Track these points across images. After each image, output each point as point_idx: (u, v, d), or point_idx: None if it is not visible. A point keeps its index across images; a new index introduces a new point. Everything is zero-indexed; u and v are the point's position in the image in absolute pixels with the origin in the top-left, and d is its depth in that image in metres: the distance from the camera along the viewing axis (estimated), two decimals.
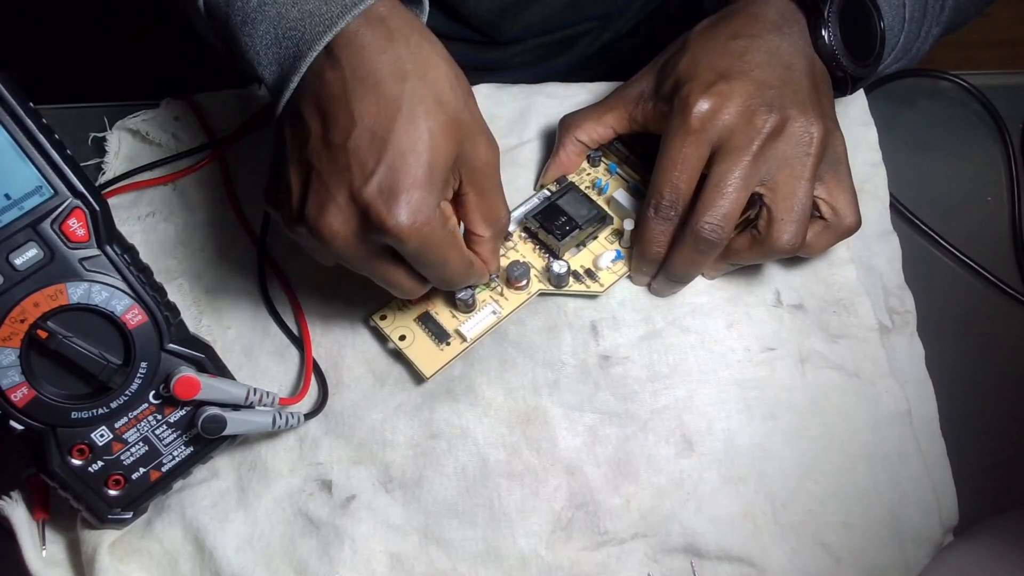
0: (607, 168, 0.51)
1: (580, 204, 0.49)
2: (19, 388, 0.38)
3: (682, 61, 0.46)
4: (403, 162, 0.37)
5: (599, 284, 0.48)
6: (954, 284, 0.53)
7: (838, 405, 0.46)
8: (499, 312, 0.47)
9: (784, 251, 0.44)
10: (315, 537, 0.43)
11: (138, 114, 0.55)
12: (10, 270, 0.37)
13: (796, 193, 0.43)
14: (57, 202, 0.38)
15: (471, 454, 0.44)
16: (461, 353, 0.46)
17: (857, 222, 0.46)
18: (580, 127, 0.50)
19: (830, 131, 0.44)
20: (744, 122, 0.43)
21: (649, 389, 0.46)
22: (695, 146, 0.44)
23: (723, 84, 0.44)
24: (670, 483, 0.44)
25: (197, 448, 0.43)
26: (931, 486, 0.45)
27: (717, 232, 0.43)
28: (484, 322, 0.46)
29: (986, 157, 0.57)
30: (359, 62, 0.38)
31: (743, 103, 0.43)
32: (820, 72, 0.46)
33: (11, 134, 0.37)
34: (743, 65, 0.44)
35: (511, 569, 0.43)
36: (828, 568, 0.43)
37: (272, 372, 0.47)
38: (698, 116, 0.43)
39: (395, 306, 0.47)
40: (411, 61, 0.38)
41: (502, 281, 0.47)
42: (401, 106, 0.37)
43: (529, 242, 0.49)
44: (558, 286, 0.47)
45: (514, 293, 0.47)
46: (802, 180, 0.43)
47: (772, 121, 0.43)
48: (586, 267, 0.48)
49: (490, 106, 0.55)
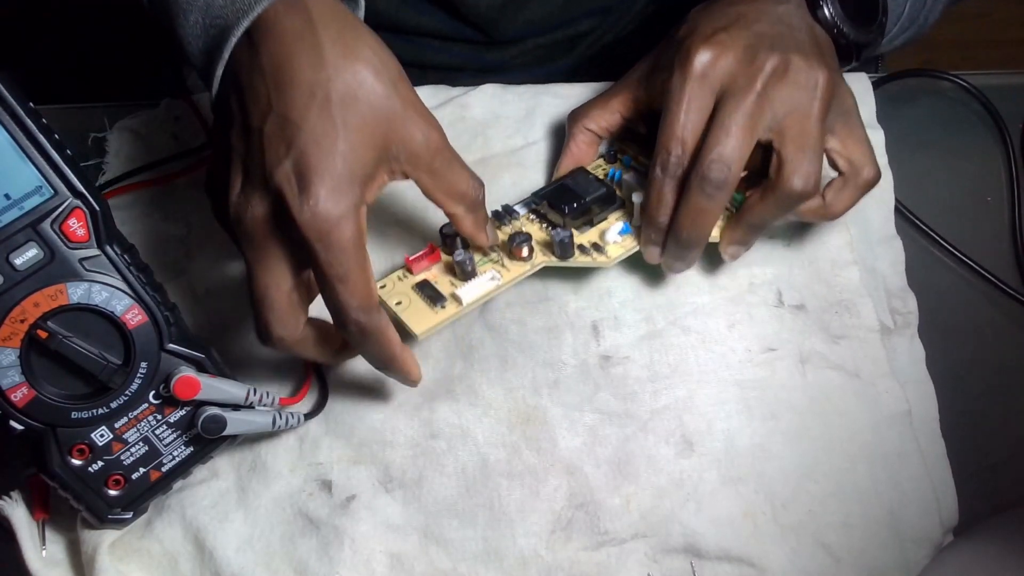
0: (622, 162, 0.50)
1: (588, 183, 0.48)
2: (19, 388, 0.38)
3: (682, 29, 0.45)
4: (314, 149, 0.37)
5: (606, 256, 0.46)
6: (953, 284, 0.53)
7: (838, 405, 0.46)
8: (499, 280, 0.45)
9: (799, 193, 0.43)
10: (315, 537, 0.43)
11: (138, 114, 0.55)
12: (10, 270, 0.37)
13: (806, 131, 0.42)
14: (57, 202, 0.38)
15: (471, 454, 0.44)
16: (456, 317, 0.43)
17: (877, 172, 0.45)
18: (587, 115, 0.49)
19: (836, 79, 0.43)
20: (746, 64, 0.42)
21: (649, 389, 0.46)
22: (698, 96, 0.43)
23: (723, 34, 0.43)
24: (670, 483, 0.44)
25: (197, 448, 0.43)
26: (931, 486, 0.45)
27: (723, 170, 0.42)
28: (482, 288, 0.44)
29: (986, 157, 0.57)
30: (276, 48, 0.38)
31: (744, 48, 0.42)
32: (822, 35, 0.46)
33: (11, 134, 0.37)
34: (742, 21, 0.44)
35: (511, 569, 0.43)
36: (828, 568, 0.43)
37: (272, 372, 0.47)
38: (699, 63, 0.42)
39: (395, 278, 0.46)
40: (331, 49, 0.38)
41: (503, 252, 0.46)
42: (315, 93, 0.37)
43: (536, 222, 0.48)
44: (563, 257, 0.46)
45: (516, 264, 0.45)
46: (810, 119, 0.42)
47: (774, 61, 0.42)
48: (593, 241, 0.47)
49: (496, 106, 0.55)
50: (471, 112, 0.55)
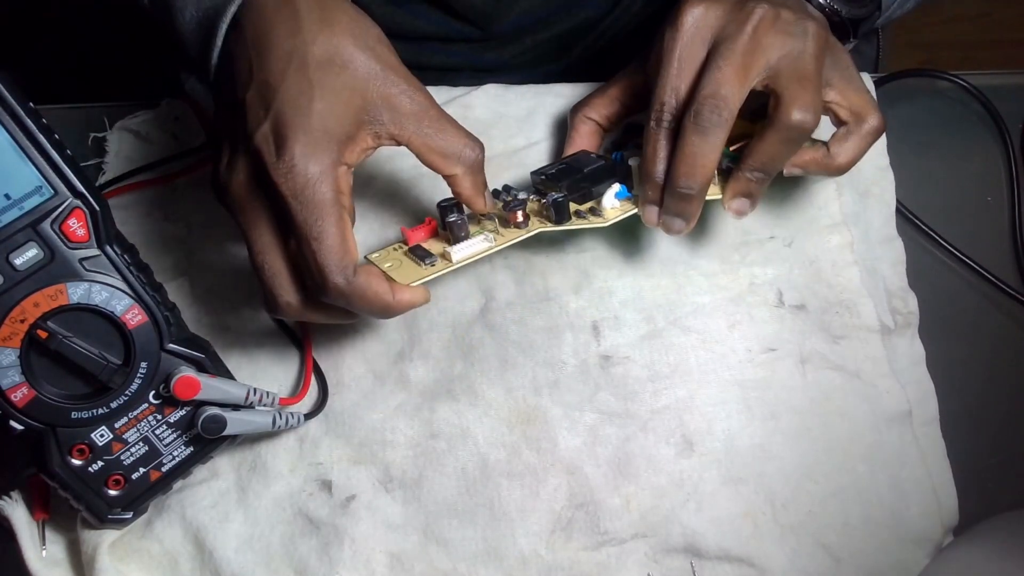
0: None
1: (588, 159, 0.47)
2: (19, 388, 0.38)
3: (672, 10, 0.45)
4: (291, 109, 0.37)
5: (602, 218, 0.45)
6: (953, 284, 0.53)
7: (839, 406, 0.46)
8: (492, 241, 0.43)
9: (798, 126, 0.41)
10: (315, 537, 0.43)
11: (138, 114, 0.55)
12: (10, 270, 0.37)
13: (801, 68, 0.42)
14: (57, 202, 0.38)
15: (471, 454, 0.44)
16: (445, 271, 0.43)
17: (882, 120, 0.44)
18: (588, 105, 0.49)
19: (826, 33, 0.43)
20: (735, 12, 0.42)
21: (650, 389, 0.46)
22: (689, 48, 0.43)
23: None
24: (670, 483, 0.44)
25: (197, 448, 0.43)
26: (931, 486, 0.45)
27: (718, 108, 0.41)
28: (475, 247, 0.43)
29: (986, 157, 0.57)
30: (258, 21, 0.39)
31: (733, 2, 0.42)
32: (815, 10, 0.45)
33: (11, 134, 0.37)
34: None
35: (511, 569, 0.43)
36: (828, 568, 0.43)
37: (272, 372, 0.47)
38: (690, 17, 0.43)
39: (390, 249, 0.45)
40: (308, 16, 0.39)
41: (498, 220, 0.45)
42: (292, 59, 0.38)
43: (536, 201, 0.47)
44: (558, 221, 0.44)
45: (510, 231, 0.44)
46: (805, 58, 0.42)
47: (763, 9, 0.42)
48: (590, 206, 0.46)
49: (498, 106, 0.55)
50: (474, 112, 0.55)
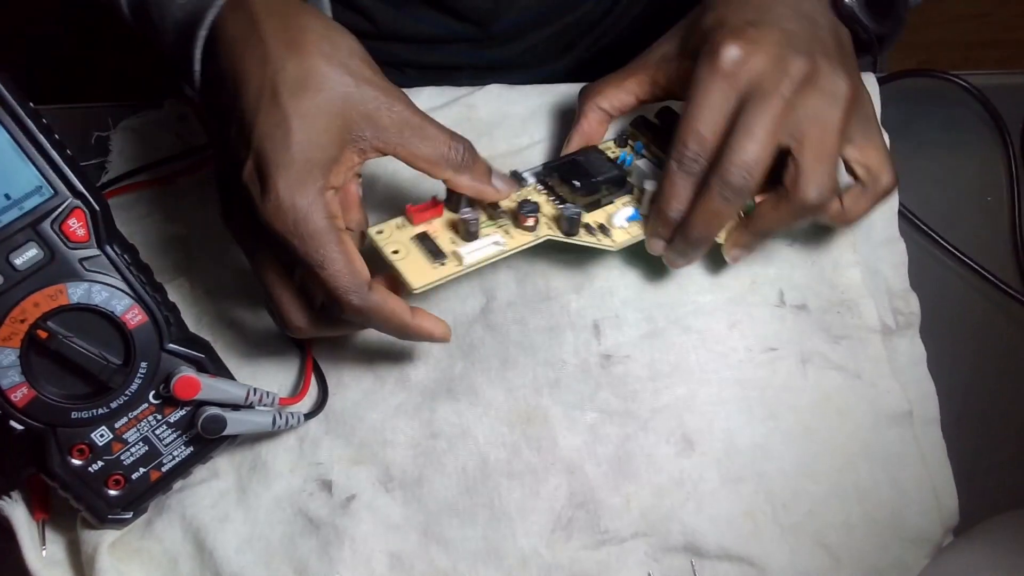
0: (633, 147, 0.49)
1: (601, 163, 0.47)
2: (19, 388, 0.38)
3: (708, 16, 0.44)
4: (269, 144, 0.37)
5: (612, 240, 0.45)
6: (953, 284, 0.53)
7: (839, 405, 0.46)
8: (502, 245, 0.43)
9: (812, 205, 0.42)
10: (315, 537, 0.43)
11: (142, 114, 0.55)
12: (10, 270, 0.37)
13: (825, 143, 0.42)
14: (57, 202, 0.38)
15: (471, 453, 0.44)
16: (455, 275, 0.42)
17: (894, 181, 0.45)
18: (601, 93, 0.48)
19: (857, 88, 0.43)
20: (776, 67, 0.42)
21: (650, 388, 0.46)
22: (724, 92, 0.42)
23: (753, 30, 0.42)
24: (670, 482, 0.44)
25: (197, 448, 0.43)
26: (931, 486, 0.45)
27: (745, 177, 0.41)
28: (486, 251, 0.43)
29: (986, 157, 0.57)
30: (227, 53, 0.39)
31: (774, 49, 0.42)
32: (844, 33, 0.45)
33: (11, 134, 0.37)
34: (770, 16, 0.43)
35: (511, 568, 0.43)
36: (828, 568, 0.43)
37: (272, 372, 0.47)
38: (728, 60, 0.41)
39: (393, 225, 0.44)
40: (274, 43, 0.38)
41: (510, 218, 0.45)
42: (263, 91, 0.37)
43: (544, 194, 0.47)
44: (568, 232, 0.45)
45: (521, 233, 0.44)
46: (830, 131, 0.42)
47: (804, 67, 0.42)
48: (600, 223, 0.46)
49: (501, 105, 0.55)
50: (477, 112, 0.55)
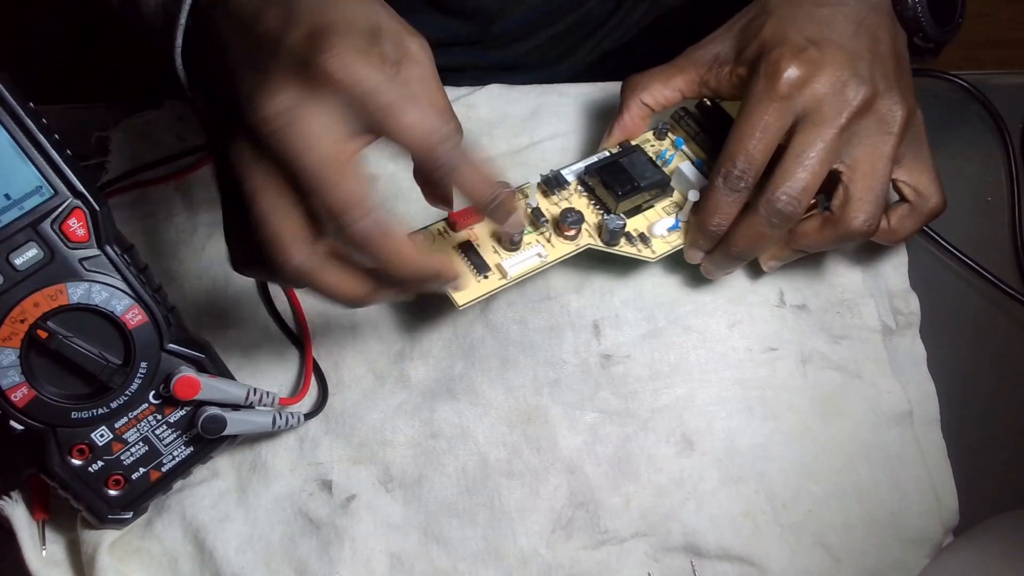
0: (673, 143, 0.49)
1: (644, 167, 0.47)
2: (19, 388, 0.38)
3: (767, 25, 0.43)
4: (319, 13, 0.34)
5: (651, 251, 0.46)
6: (953, 284, 0.53)
7: (839, 405, 0.46)
8: (544, 256, 0.44)
9: (858, 233, 0.43)
10: (315, 537, 0.43)
11: (142, 114, 0.55)
12: (10, 270, 0.37)
13: (876, 172, 0.42)
14: (57, 202, 0.38)
15: (471, 453, 0.44)
16: (498, 290, 0.43)
17: (943, 202, 0.45)
18: (646, 89, 0.47)
19: (912, 111, 0.43)
20: (835, 93, 0.41)
21: (650, 388, 0.46)
22: (778, 114, 0.41)
23: (814, 51, 0.41)
24: (670, 482, 0.44)
25: (197, 448, 0.43)
26: (931, 486, 0.45)
27: (793, 204, 0.41)
28: (527, 263, 0.44)
29: (986, 157, 0.57)
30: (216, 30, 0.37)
31: (835, 73, 0.41)
32: (902, 46, 0.45)
33: (11, 134, 0.37)
34: (833, 34, 0.42)
35: (511, 568, 0.43)
36: (828, 568, 0.43)
37: (272, 372, 0.47)
38: (787, 82, 0.41)
39: (434, 231, 0.45)
40: None
41: (551, 226, 0.45)
42: None
43: (584, 196, 0.47)
44: (609, 243, 0.45)
45: (562, 242, 0.45)
46: (883, 159, 0.42)
47: (863, 95, 0.41)
48: (640, 231, 0.46)
49: (501, 105, 0.55)
50: (478, 112, 0.55)
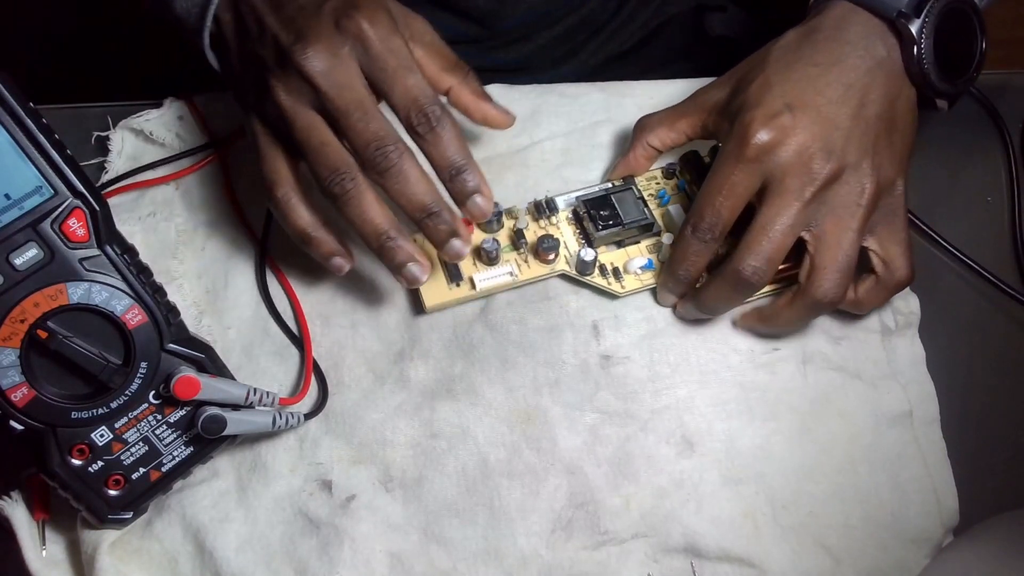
0: (677, 185, 0.50)
1: (631, 205, 0.48)
2: (19, 388, 0.38)
3: (756, 80, 0.44)
4: None
5: (620, 286, 0.47)
6: (953, 284, 0.53)
7: (839, 406, 0.46)
8: (515, 276, 0.47)
9: (824, 303, 0.43)
10: (315, 537, 0.43)
11: (142, 114, 0.55)
12: (10, 270, 0.37)
13: (841, 244, 0.42)
14: (57, 202, 0.38)
15: (471, 453, 0.44)
16: (465, 300, 0.47)
17: (909, 276, 0.45)
18: (652, 131, 0.49)
19: (887, 182, 0.44)
20: (800, 164, 0.42)
21: (650, 389, 0.46)
22: (745, 175, 0.42)
23: (787, 117, 0.42)
24: (670, 483, 0.44)
25: (197, 448, 0.43)
26: (931, 486, 0.45)
27: (759, 275, 0.42)
28: (497, 280, 0.47)
29: (986, 157, 0.57)
30: None
31: (803, 143, 0.42)
32: (903, 107, 0.45)
33: (11, 134, 0.37)
34: (816, 97, 0.43)
35: (511, 568, 0.43)
36: (828, 569, 0.43)
37: (272, 372, 0.47)
38: (756, 146, 0.42)
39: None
40: None
41: (529, 251, 0.47)
42: None
43: (573, 224, 0.49)
44: (581, 272, 0.47)
45: (538, 264, 0.47)
46: (848, 232, 0.42)
47: (829, 169, 0.42)
48: (615, 265, 0.48)
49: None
50: None
